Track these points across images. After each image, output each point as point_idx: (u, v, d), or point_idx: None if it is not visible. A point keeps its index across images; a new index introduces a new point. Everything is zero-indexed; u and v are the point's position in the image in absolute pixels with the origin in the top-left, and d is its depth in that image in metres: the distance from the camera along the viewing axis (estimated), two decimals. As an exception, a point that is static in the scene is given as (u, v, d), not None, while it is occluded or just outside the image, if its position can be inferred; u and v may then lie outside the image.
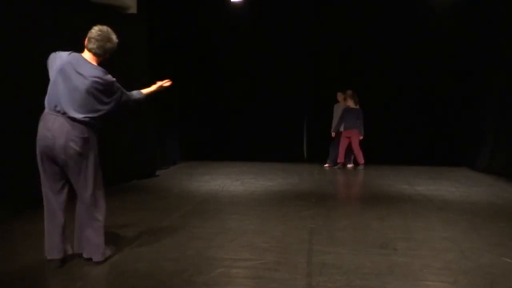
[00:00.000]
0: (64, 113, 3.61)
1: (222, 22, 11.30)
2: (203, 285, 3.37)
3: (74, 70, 3.60)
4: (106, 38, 3.70)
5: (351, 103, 10.04)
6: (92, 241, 3.75)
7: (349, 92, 10.24)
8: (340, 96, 10.24)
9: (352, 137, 10.00)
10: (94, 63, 3.70)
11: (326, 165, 10.36)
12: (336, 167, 10.20)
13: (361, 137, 9.99)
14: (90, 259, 3.77)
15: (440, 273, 3.65)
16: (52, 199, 3.77)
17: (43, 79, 6.08)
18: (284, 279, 3.48)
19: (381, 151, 10.33)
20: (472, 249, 4.26)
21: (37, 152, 3.73)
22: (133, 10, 8.56)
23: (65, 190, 3.79)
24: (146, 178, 8.36)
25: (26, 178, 5.98)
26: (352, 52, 11.02)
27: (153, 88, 4.22)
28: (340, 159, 10.19)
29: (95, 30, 3.70)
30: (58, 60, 3.67)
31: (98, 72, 3.66)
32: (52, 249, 3.70)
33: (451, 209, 5.99)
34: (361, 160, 10.03)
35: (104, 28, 3.74)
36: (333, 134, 10.20)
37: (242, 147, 11.54)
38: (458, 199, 6.71)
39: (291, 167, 10.29)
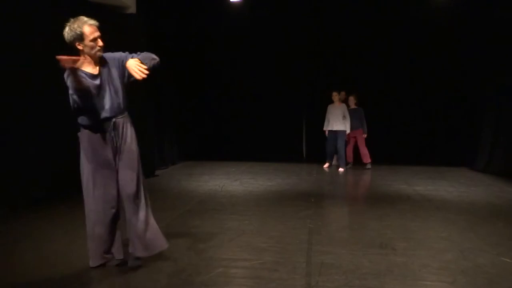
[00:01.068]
0: None
1: (221, 22, 11.29)
2: (202, 285, 3.37)
3: None
4: (64, 31, 3.56)
5: (352, 104, 10.03)
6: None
7: (343, 93, 10.20)
8: (335, 96, 9.95)
9: (357, 137, 10.00)
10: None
11: (326, 165, 10.24)
12: (347, 166, 10.13)
13: (365, 135, 9.99)
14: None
15: (438, 273, 3.65)
16: None
17: (42, 79, 6.11)
18: (283, 279, 3.48)
19: (380, 151, 10.31)
20: (470, 249, 4.26)
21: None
22: (132, 10, 8.56)
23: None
24: (145, 178, 8.33)
25: (26, 178, 6.00)
26: (351, 52, 11.02)
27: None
28: (349, 158, 10.16)
29: None
30: None
31: None
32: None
33: (449, 209, 6.00)
34: (367, 159, 9.99)
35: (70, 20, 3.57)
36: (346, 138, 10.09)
37: (241, 147, 11.54)
38: (457, 199, 6.72)
39: (290, 167, 10.28)
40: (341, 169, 9.81)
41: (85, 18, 3.60)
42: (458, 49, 10.34)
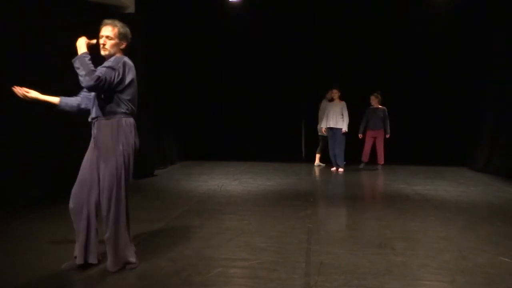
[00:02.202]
0: None
1: (220, 22, 11.30)
2: (201, 285, 3.36)
3: None
4: None
5: (375, 103, 9.95)
6: None
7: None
8: (335, 94, 9.70)
9: (377, 137, 9.90)
10: None
11: (333, 168, 9.86)
12: (360, 166, 10.02)
13: (388, 136, 9.88)
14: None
15: (437, 272, 3.65)
16: None
17: (42, 79, 6.09)
18: (282, 279, 3.48)
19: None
20: (469, 248, 4.26)
21: (132, 159, 3.74)
22: (131, 9, 8.56)
23: None
24: (144, 178, 8.35)
25: (26, 178, 5.99)
26: (350, 52, 11.03)
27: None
28: (365, 158, 10.03)
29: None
30: (132, 68, 3.74)
31: None
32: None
33: (448, 209, 6.00)
34: (381, 160, 9.94)
35: None
36: (360, 136, 9.92)
37: (240, 147, 11.54)
38: (456, 199, 6.72)
39: (289, 167, 10.29)
40: (340, 169, 9.76)
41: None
42: (458, 49, 10.36)
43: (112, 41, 3.69)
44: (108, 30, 3.68)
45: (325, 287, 3.33)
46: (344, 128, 9.61)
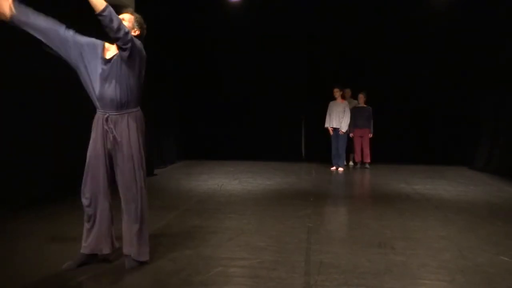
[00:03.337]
0: None
1: (220, 22, 11.30)
2: (201, 285, 3.37)
3: None
4: None
5: (361, 102, 10.01)
6: None
7: (348, 91, 10.20)
8: (336, 93, 9.77)
9: (364, 136, 9.98)
10: None
11: (333, 168, 9.87)
12: (356, 166, 10.09)
13: (371, 135, 9.98)
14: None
15: (437, 272, 3.66)
16: None
17: (43, 78, 6.11)
18: (281, 278, 3.48)
19: (378, 150, 10.31)
20: (469, 248, 4.27)
21: (143, 152, 3.72)
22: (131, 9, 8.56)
23: None
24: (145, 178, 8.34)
25: (26, 178, 5.99)
26: (350, 52, 11.02)
27: None
28: (357, 158, 10.13)
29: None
30: (145, 57, 3.71)
31: None
32: None
33: (448, 208, 6.01)
34: (368, 159, 9.99)
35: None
36: (351, 135, 9.99)
37: (240, 147, 11.53)
38: (456, 198, 6.73)
39: (289, 166, 10.28)
40: (340, 169, 9.77)
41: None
42: (458, 48, 10.35)
43: (126, 23, 3.70)
44: (125, 15, 3.81)
45: (325, 286, 3.33)
46: (342, 129, 9.67)
